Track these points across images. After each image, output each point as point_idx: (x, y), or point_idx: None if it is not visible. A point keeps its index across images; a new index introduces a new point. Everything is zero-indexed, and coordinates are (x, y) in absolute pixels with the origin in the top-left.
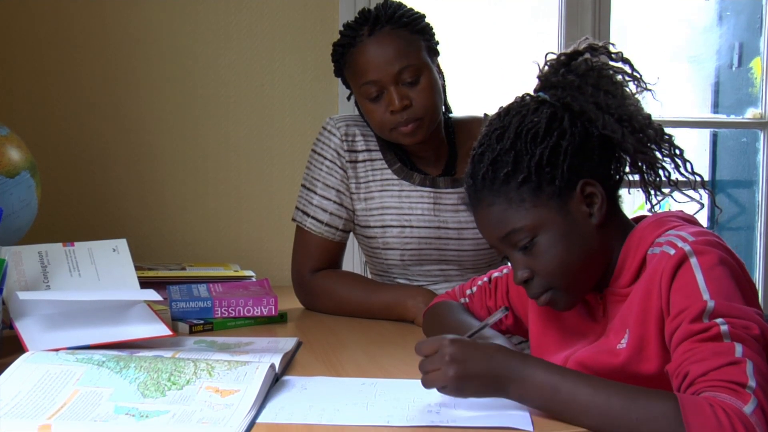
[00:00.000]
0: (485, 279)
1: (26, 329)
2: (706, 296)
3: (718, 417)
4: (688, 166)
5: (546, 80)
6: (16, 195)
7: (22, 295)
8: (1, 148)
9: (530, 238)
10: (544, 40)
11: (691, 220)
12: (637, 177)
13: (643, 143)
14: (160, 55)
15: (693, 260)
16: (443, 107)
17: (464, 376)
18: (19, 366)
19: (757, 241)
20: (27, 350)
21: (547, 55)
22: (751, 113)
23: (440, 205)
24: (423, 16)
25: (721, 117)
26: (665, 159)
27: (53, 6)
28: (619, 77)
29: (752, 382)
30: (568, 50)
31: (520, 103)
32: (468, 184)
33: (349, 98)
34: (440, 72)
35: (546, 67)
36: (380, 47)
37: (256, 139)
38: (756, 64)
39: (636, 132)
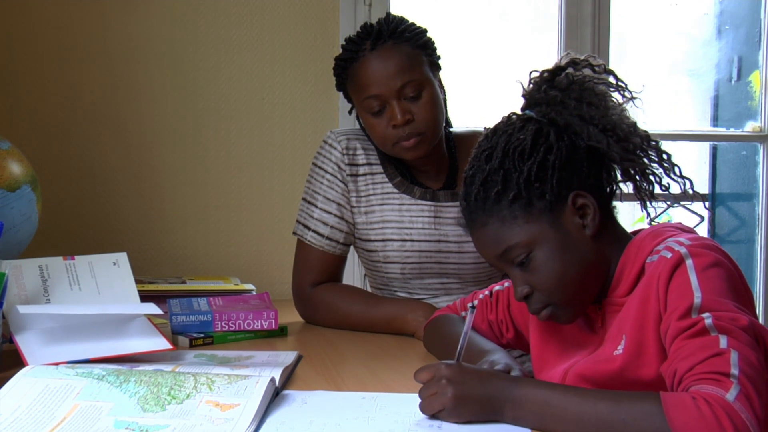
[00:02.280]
0: (486, 292)
1: (26, 343)
2: (697, 295)
3: (699, 408)
4: (677, 169)
5: (530, 98)
6: (17, 209)
7: (23, 309)
8: (2, 162)
9: (526, 254)
10: (544, 53)
11: (689, 231)
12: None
13: (628, 151)
14: (161, 68)
15: (689, 261)
16: (444, 121)
17: (461, 397)
18: (18, 380)
19: (758, 254)
20: (27, 364)
21: (531, 73)
22: (750, 126)
23: (441, 218)
24: (425, 31)
25: (721, 130)
26: (654, 165)
27: (55, 20)
28: (602, 88)
29: (735, 371)
30: (551, 67)
31: (507, 122)
32: (462, 206)
33: (350, 112)
34: (441, 86)
35: (530, 85)
36: (383, 62)
37: (257, 152)
38: (755, 78)
39: (620, 140)
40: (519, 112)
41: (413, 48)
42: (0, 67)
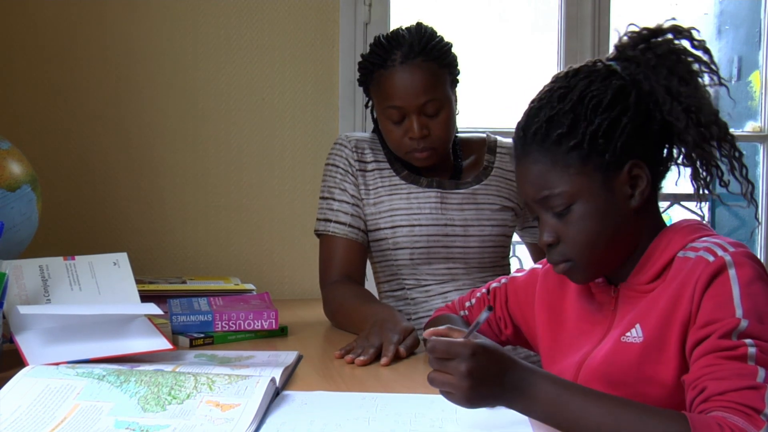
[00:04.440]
0: (484, 290)
1: (26, 343)
2: (739, 313)
3: None
4: (744, 171)
5: (622, 51)
6: (17, 209)
7: (23, 309)
8: (2, 162)
9: (567, 205)
10: (544, 53)
11: (711, 230)
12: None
13: (704, 138)
14: (161, 68)
15: (732, 271)
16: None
17: (478, 390)
18: (19, 380)
19: (758, 253)
20: (27, 364)
21: (629, 25)
22: (750, 126)
23: (447, 204)
24: (451, 47)
25: None
26: (722, 159)
27: (55, 20)
28: (696, 66)
29: None
30: (652, 26)
31: (591, 67)
32: (518, 136)
33: (366, 105)
34: (455, 100)
35: (625, 38)
36: (410, 77)
37: (257, 152)
38: (755, 78)
39: (700, 125)
40: (604, 60)
41: (440, 67)
42: (0, 67)
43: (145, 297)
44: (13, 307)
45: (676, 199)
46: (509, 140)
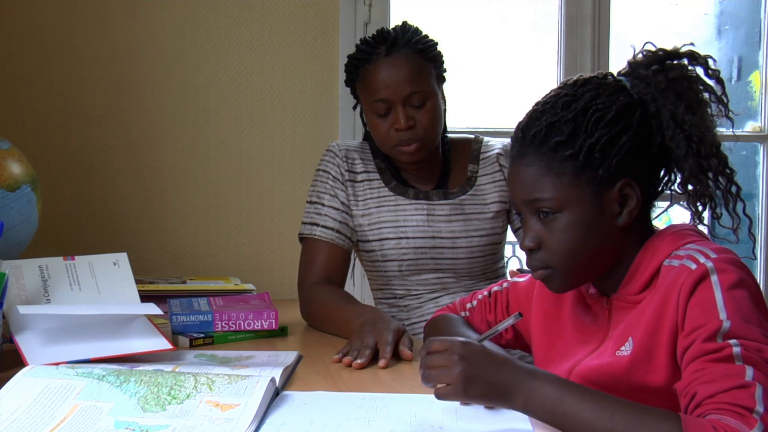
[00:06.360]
0: (485, 293)
1: (26, 343)
2: (722, 315)
3: None
4: (742, 206)
5: (634, 69)
6: (17, 209)
7: (23, 309)
8: (2, 162)
9: (554, 211)
10: (544, 53)
11: (704, 237)
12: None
13: (702, 169)
14: (161, 68)
15: (714, 278)
16: (442, 130)
17: (471, 377)
18: (19, 380)
19: (758, 254)
20: (27, 364)
21: (645, 43)
22: (750, 126)
23: (434, 216)
24: (436, 44)
25: (721, 130)
26: (718, 192)
27: (56, 19)
28: (706, 96)
29: (760, 407)
30: (669, 48)
31: (601, 79)
32: (517, 136)
33: (354, 108)
34: (443, 98)
35: (639, 55)
36: (394, 69)
37: (257, 151)
38: (755, 78)
39: (700, 156)
40: (615, 74)
41: (424, 60)
42: (0, 66)
43: (145, 297)
44: (13, 307)
45: (675, 199)
46: (494, 141)
